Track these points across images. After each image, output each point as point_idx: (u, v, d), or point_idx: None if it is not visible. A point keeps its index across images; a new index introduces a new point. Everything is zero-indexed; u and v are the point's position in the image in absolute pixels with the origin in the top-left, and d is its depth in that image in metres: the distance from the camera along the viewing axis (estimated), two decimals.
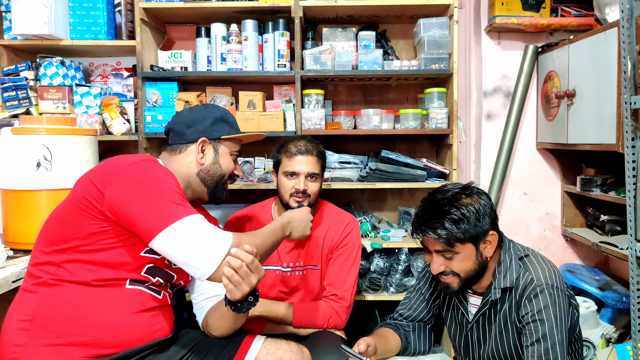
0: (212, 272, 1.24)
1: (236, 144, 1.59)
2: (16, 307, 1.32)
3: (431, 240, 1.42)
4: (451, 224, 1.38)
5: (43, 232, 1.36)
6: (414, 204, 2.85)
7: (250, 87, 2.71)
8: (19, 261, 1.75)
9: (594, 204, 2.43)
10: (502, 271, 1.46)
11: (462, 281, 1.45)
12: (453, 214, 1.39)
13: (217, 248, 1.24)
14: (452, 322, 1.63)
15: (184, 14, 2.57)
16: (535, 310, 1.37)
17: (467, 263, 1.42)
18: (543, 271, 1.42)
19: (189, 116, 1.54)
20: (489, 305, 1.48)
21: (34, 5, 2.28)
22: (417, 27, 2.51)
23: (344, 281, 1.84)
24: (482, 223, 1.40)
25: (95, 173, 1.34)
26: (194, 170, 1.50)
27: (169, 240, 1.23)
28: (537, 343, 1.35)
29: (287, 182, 1.81)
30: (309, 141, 1.86)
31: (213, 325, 1.49)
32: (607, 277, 2.42)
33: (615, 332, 2.15)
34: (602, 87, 1.95)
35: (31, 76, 2.47)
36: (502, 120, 2.62)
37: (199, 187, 1.52)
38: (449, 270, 1.44)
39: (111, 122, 2.48)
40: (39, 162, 1.86)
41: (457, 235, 1.38)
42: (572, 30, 2.49)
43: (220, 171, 1.53)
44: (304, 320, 1.80)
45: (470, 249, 1.41)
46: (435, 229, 1.39)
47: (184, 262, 1.24)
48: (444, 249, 1.41)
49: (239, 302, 1.29)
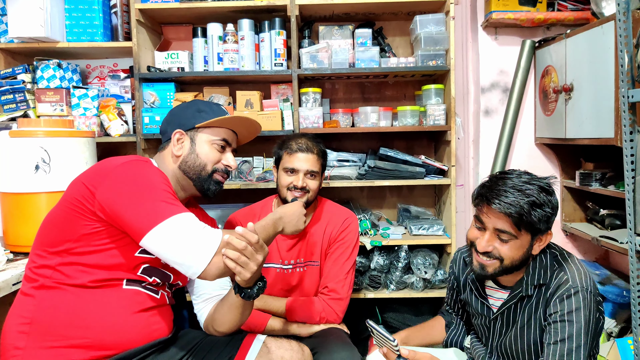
0: (202, 270, 1.21)
1: (219, 133, 1.52)
2: (15, 310, 1.32)
3: (497, 214, 1.34)
4: (530, 206, 1.31)
5: (39, 236, 1.36)
6: (412, 201, 2.85)
7: (248, 86, 2.71)
8: (19, 264, 1.75)
9: (593, 198, 2.42)
10: (537, 267, 1.42)
11: (501, 268, 1.39)
12: (535, 197, 1.32)
13: (207, 246, 1.22)
14: (475, 312, 1.60)
15: (180, 15, 2.56)
16: (565, 311, 1.34)
17: (517, 252, 1.37)
18: (579, 273, 1.38)
19: (171, 113, 1.56)
20: (516, 299, 1.45)
21: (30, 8, 2.28)
22: (414, 23, 2.51)
23: (337, 274, 1.86)
24: (551, 220, 1.36)
25: (86, 175, 1.34)
26: (175, 164, 1.49)
27: (159, 238, 1.22)
28: (561, 343, 1.33)
29: (286, 179, 1.83)
30: (310, 139, 1.88)
31: (220, 319, 1.48)
32: (608, 271, 2.42)
33: (616, 327, 2.15)
34: (599, 81, 1.95)
35: (28, 79, 2.47)
36: (500, 116, 2.62)
37: (184, 181, 1.50)
38: (495, 253, 1.37)
39: (109, 124, 2.47)
40: (38, 164, 1.86)
41: (530, 219, 1.31)
42: (569, 25, 2.48)
43: (199, 160, 1.48)
44: (298, 314, 1.82)
45: (527, 240, 1.36)
46: (511, 205, 1.31)
47: (174, 260, 1.23)
48: (508, 229, 1.34)
49: (249, 288, 1.32)
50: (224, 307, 1.48)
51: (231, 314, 1.46)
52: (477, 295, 1.56)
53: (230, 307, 1.45)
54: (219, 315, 1.49)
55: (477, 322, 1.61)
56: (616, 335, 2.09)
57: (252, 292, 1.33)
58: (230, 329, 1.48)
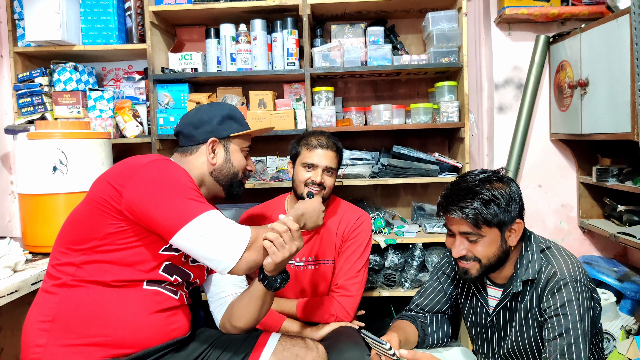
0: (233, 265, 1.27)
1: (246, 140, 1.60)
2: (36, 308, 1.34)
3: (457, 220, 1.40)
4: (481, 204, 1.36)
5: (62, 234, 1.38)
6: (427, 199, 2.84)
7: (261, 86, 2.72)
8: (37, 264, 1.79)
9: (610, 194, 2.39)
10: (523, 263, 1.44)
11: (482, 268, 1.43)
12: (484, 194, 1.37)
13: (237, 242, 1.28)
14: (470, 313, 1.61)
15: (193, 16, 2.59)
16: (558, 304, 1.35)
17: (490, 249, 1.40)
18: (566, 264, 1.40)
19: (196, 117, 1.55)
20: (509, 297, 1.47)
21: (46, 12, 2.32)
22: (426, 21, 2.50)
23: (347, 272, 1.86)
24: (511, 209, 1.39)
25: (111, 174, 1.36)
26: (207, 170, 1.52)
27: (190, 236, 1.26)
28: (560, 337, 1.33)
29: (304, 174, 1.84)
30: (329, 137, 1.90)
31: (238, 312, 1.50)
32: (626, 268, 2.38)
33: (635, 324, 2.12)
34: (615, 75, 1.93)
35: (45, 82, 2.51)
36: (514, 112, 2.59)
37: (213, 186, 1.54)
38: (470, 255, 1.42)
39: (124, 125, 2.51)
40: (55, 166, 1.89)
41: (485, 216, 1.36)
42: (583, 19, 2.45)
43: (233, 169, 1.55)
44: (309, 314, 1.83)
45: (495, 235, 1.40)
46: (463, 208, 1.37)
47: (205, 256, 1.27)
48: (470, 230, 1.39)
49: (272, 277, 1.38)
50: (244, 299, 1.50)
51: (251, 306, 1.47)
52: (476, 291, 1.56)
53: (251, 298, 1.47)
54: (237, 308, 1.51)
55: (473, 324, 1.61)
56: (635, 332, 2.06)
57: (276, 281, 1.39)
58: (248, 324, 1.50)
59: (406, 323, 1.64)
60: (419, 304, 1.70)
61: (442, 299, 1.67)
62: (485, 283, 1.55)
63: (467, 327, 1.65)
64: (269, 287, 1.40)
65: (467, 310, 1.63)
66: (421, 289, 1.72)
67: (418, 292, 1.73)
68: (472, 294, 1.59)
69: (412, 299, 1.73)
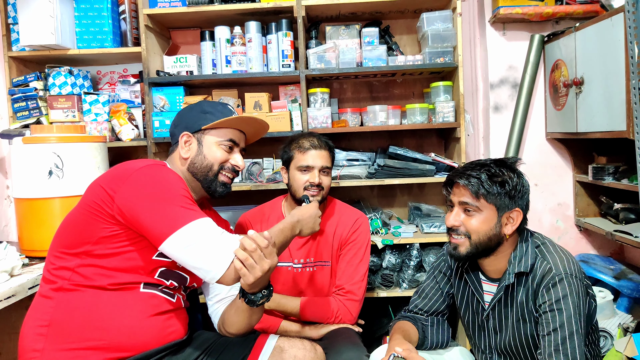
0: (221, 275, 1.24)
1: (225, 134, 1.51)
2: (33, 312, 1.34)
3: (460, 188, 1.43)
4: (487, 177, 1.40)
5: (57, 238, 1.38)
6: (423, 199, 2.84)
7: (256, 88, 2.72)
8: (34, 268, 1.78)
9: (607, 192, 2.40)
10: (517, 256, 1.45)
11: (471, 246, 1.43)
12: (492, 170, 1.42)
13: (226, 251, 1.24)
14: (467, 310, 1.62)
15: (187, 19, 2.59)
16: (553, 300, 1.36)
17: (483, 226, 1.42)
18: (562, 260, 1.41)
19: (178, 116, 1.56)
20: (503, 291, 1.47)
21: (40, 16, 2.31)
22: (421, 21, 2.50)
23: (352, 276, 1.86)
24: (514, 195, 1.41)
25: (104, 178, 1.35)
26: (184, 166, 1.50)
27: (178, 244, 1.24)
28: (554, 332, 1.34)
29: (301, 177, 1.83)
30: (319, 137, 1.89)
31: (229, 321, 1.49)
32: (623, 266, 2.39)
33: (632, 322, 2.12)
34: (610, 73, 1.93)
35: (40, 86, 2.51)
36: (510, 111, 2.60)
37: (193, 182, 1.50)
38: (463, 230, 1.44)
39: (120, 129, 2.50)
40: (51, 170, 1.89)
41: (487, 189, 1.39)
42: (577, 18, 2.46)
43: (206, 161, 1.48)
44: (312, 314, 1.83)
45: (492, 213, 1.41)
46: (469, 177, 1.41)
47: (193, 265, 1.25)
48: (469, 200, 1.41)
49: (253, 294, 1.30)
50: (232, 309, 1.49)
51: (238, 317, 1.47)
52: (472, 287, 1.56)
53: (237, 310, 1.46)
54: (228, 316, 1.50)
55: (469, 321, 1.61)
56: (632, 330, 2.06)
57: (256, 298, 1.31)
58: (240, 331, 1.49)
59: (408, 324, 1.65)
60: (418, 305, 1.70)
61: (440, 298, 1.68)
62: (481, 279, 1.56)
63: (463, 324, 1.66)
64: (251, 304, 1.33)
65: (463, 308, 1.63)
66: (419, 289, 1.73)
67: (416, 292, 1.73)
68: (468, 290, 1.59)
69: (411, 299, 1.73)
